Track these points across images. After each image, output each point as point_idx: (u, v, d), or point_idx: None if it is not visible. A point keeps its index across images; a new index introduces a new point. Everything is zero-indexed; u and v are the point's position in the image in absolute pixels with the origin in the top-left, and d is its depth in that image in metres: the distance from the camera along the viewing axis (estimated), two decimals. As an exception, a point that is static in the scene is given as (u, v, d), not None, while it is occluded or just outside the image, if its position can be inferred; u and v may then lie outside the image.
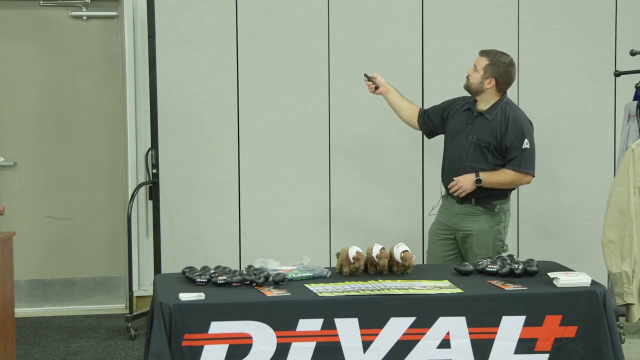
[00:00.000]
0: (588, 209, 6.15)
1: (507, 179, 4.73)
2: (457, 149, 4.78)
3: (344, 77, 5.97)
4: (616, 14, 6.15)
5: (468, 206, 4.76)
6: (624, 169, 4.46)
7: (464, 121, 4.80)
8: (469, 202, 4.75)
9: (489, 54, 4.79)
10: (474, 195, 4.72)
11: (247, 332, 3.56)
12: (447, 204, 4.88)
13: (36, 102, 6.50)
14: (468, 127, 4.77)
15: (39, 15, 6.46)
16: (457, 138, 4.80)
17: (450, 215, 4.83)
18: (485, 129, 4.72)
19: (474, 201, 4.74)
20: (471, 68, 4.81)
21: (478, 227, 4.74)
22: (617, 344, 3.74)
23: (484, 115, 4.76)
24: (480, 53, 4.83)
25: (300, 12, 5.94)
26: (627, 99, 5.73)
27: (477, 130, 4.74)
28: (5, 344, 4.37)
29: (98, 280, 6.63)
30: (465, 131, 4.77)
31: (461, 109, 4.88)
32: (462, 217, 4.77)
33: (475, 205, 4.74)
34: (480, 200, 4.73)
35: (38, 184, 6.53)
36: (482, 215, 4.75)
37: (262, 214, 5.99)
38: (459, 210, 4.78)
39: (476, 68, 4.78)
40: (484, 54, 4.81)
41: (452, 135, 4.84)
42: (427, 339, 3.66)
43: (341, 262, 4.07)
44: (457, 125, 4.83)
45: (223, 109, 5.92)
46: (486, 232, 4.73)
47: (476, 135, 4.72)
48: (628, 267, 4.38)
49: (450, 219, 4.83)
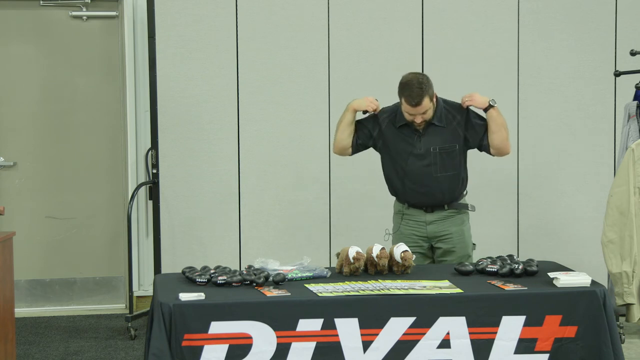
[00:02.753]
0: (588, 209, 6.16)
1: (503, 121, 4.62)
2: (419, 166, 4.55)
3: (344, 77, 5.97)
4: (616, 14, 6.15)
5: (440, 212, 4.62)
6: (624, 169, 4.46)
7: (409, 137, 4.56)
8: (441, 209, 4.63)
9: (422, 92, 4.42)
10: (445, 200, 4.61)
11: (247, 332, 3.56)
12: (413, 216, 4.66)
13: (36, 102, 6.50)
14: (420, 140, 4.55)
15: (39, 15, 6.46)
16: (412, 156, 4.56)
17: (422, 225, 4.64)
18: (442, 136, 4.55)
19: (447, 207, 4.63)
20: (419, 116, 4.47)
21: (456, 229, 4.65)
22: (617, 344, 3.74)
23: (434, 124, 4.55)
24: (417, 103, 4.42)
25: (300, 12, 5.94)
26: (627, 99, 5.73)
27: (434, 141, 4.54)
28: (5, 344, 4.37)
29: (98, 280, 6.63)
30: (419, 146, 4.55)
31: (393, 124, 4.59)
32: (438, 223, 4.64)
33: (448, 209, 4.64)
34: (452, 204, 4.63)
35: (38, 184, 6.53)
36: (456, 216, 4.66)
37: (262, 214, 5.99)
38: (432, 217, 4.62)
39: (426, 112, 4.48)
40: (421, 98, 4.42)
41: (402, 154, 4.58)
42: (427, 339, 3.66)
43: (341, 262, 4.07)
44: (402, 142, 4.58)
45: (223, 109, 5.92)
46: (464, 232, 4.68)
47: (438, 145, 4.54)
48: (628, 267, 4.38)
49: (424, 229, 4.64)
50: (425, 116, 4.49)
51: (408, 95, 4.45)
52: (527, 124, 6.16)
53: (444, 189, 4.60)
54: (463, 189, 4.70)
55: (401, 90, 4.50)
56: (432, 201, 4.62)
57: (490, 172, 5.93)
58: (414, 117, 4.49)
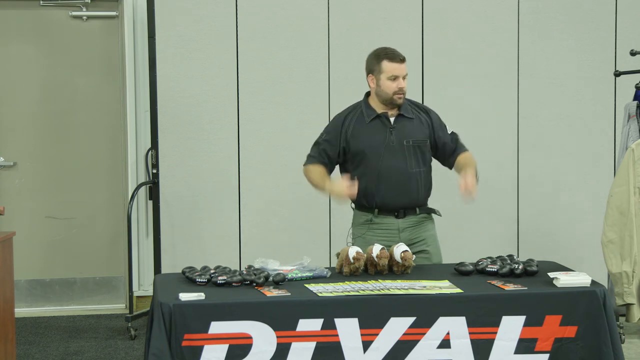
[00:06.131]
0: (588, 209, 6.16)
1: (474, 162, 4.43)
2: (393, 161, 4.34)
3: (344, 77, 5.97)
4: (616, 14, 6.15)
5: (412, 217, 4.41)
6: (624, 169, 4.46)
7: (381, 130, 4.37)
8: (413, 213, 4.41)
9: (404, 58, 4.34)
10: (420, 200, 4.42)
11: (247, 332, 3.56)
12: (384, 225, 4.41)
13: (36, 102, 6.50)
14: (393, 133, 4.35)
15: (39, 15, 6.46)
16: (386, 150, 4.34)
17: (394, 233, 4.39)
18: (413, 128, 4.38)
19: (418, 210, 4.43)
20: (403, 81, 4.34)
21: (429, 234, 4.48)
22: (617, 344, 3.74)
23: (403, 115, 4.38)
24: (403, 58, 4.35)
25: (300, 12, 5.95)
26: (627, 99, 5.74)
27: (406, 133, 4.36)
28: (5, 344, 4.37)
29: (98, 280, 6.63)
30: (391, 139, 4.35)
31: (363, 121, 4.40)
32: (411, 229, 4.42)
33: (420, 213, 4.44)
34: (422, 208, 4.44)
35: (38, 184, 6.53)
36: (426, 222, 4.47)
37: (262, 214, 5.99)
38: (405, 223, 4.39)
39: (405, 78, 4.36)
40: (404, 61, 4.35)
41: (375, 149, 4.35)
42: (427, 339, 3.65)
43: (341, 262, 4.07)
44: (374, 137, 4.36)
45: (223, 108, 5.92)
46: (435, 237, 4.52)
47: (411, 138, 4.35)
48: (628, 267, 4.38)
49: (396, 237, 4.37)
50: (406, 82, 4.33)
51: (392, 52, 4.34)
52: (527, 123, 6.16)
53: (420, 186, 4.38)
54: (430, 190, 4.50)
55: (379, 54, 4.36)
56: (408, 200, 4.38)
57: (490, 172, 5.93)
58: (399, 81, 4.31)
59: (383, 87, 4.34)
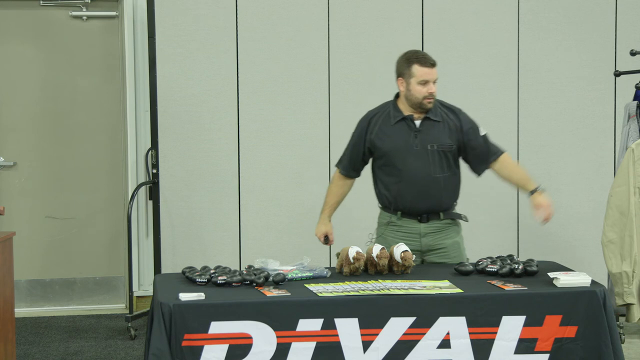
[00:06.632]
0: (588, 209, 6.16)
1: (523, 170, 4.49)
2: (416, 165, 4.29)
3: (344, 77, 5.97)
4: (616, 14, 6.15)
5: (436, 222, 4.37)
6: (624, 169, 4.46)
7: (406, 133, 4.32)
8: (437, 218, 4.37)
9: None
10: (443, 205, 4.38)
11: (247, 332, 3.56)
12: (406, 227, 4.39)
13: (36, 102, 6.50)
14: (417, 137, 4.30)
15: (39, 15, 6.46)
16: (409, 154, 4.30)
17: (416, 238, 4.36)
18: (439, 132, 4.31)
19: (442, 215, 4.39)
20: (433, 85, 4.31)
21: (451, 241, 4.42)
22: (617, 344, 3.74)
23: (430, 118, 4.32)
24: (434, 63, 4.33)
25: (300, 12, 5.94)
26: (627, 99, 5.74)
27: (431, 138, 4.30)
28: (5, 344, 4.37)
29: (98, 280, 6.63)
30: (415, 143, 4.30)
31: (388, 122, 4.36)
32: (433, 235, 4.39)
33: (443, 219, 4.40)
34: (447, 213, 4.40)
35: (38, 184, 6.54)
36: (450, 227, 4.43)
37: (262, 214, 5.99)
38: (427, 229, 4.36)
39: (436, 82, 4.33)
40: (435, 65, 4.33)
41: (398, 152, 4.31)
42: (427, 339, 3.65)
43: (341, 262, 4.07)
44: (398, 139, 4.32)
45: (223, 109, 5.92)
46: (459, 244, 4.47)
47: (435, 143, 4.29)
48: (628, 267, 4.38)
49: (417, 242, 4.35)
50: (436, 87, 4.28)
51: (423, 57, 4.30)
52: (527, 123, 6.16)
53: (442, 192, 4.34)
54: (458, 195, 4.47)
55: (410, 58, 4.32)
56: (429, 205, 4.35)
57: (490, 172, 5.91)
58: (429, 85, 4.27)
59: (413, 91, 4.29)
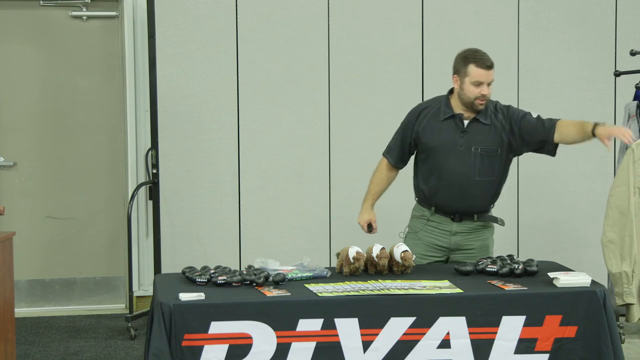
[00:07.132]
0: (588, 209, 6.15)
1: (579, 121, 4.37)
2: (457, 165, 4.28)
3: (344, 77, 5.98)
4: (616, 14, 6.15)
5: (469, 223, 4.39)
6: (624, 169, 4.46)
7: (452, 132, 4.30)
8: (470, 219, 4.38)
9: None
10: (477, 208, 4.38)
11: (247, 332, 3.56)
12: (439, 224, 4.42)
13: (36, 102, 6.50)
14: (463, 137, 4.29)
15: (39, 15, 6.46)
16: (452, 153, 4.29)
17: (446, 235, 4.40)
18: (485, 135, 4.28)
19: (476, 217, 4.39)
20: (487, 87, 4.25)
21: (480, 244, 4.43)
22: (617, 344, 3.74)
23: (479, 120, 4.29)
24: (491, 64, 4.27)
25: (300, 12, 5.94)
26: (627, 99, 5.74)
27: (477, 140, 4.27)
28: (5, 344, 4.37)
29: (98, 280, 6.63)
30: (460, 143, 4.28)
31: (437, 118, 4.34)
32: (463, 235, 4.40)
33: (477, 221, 4.41)
34: (481, 215, 4.40)
35: (38, 184, 6.54)
36: (483, 230, 4.44)
37: (262, 214, 5.99)
38: (459, 228, 4.38)
39: (491, 84, 4.28)
40: (492, 67, 4.28)
41: (442, 149, 4.31)
42: (427, 339, 3.65)
43: (341, 262, 4.07)
44: (444, 137, 4.31)
45: (223, 109, 5.92)
46: (488, 248, 4.48)
47: (480, 146, 4.27)
48: (628, 267, 4.38)
49: (447, 239, 4.40)
50: (490, 89, 4.24)
51: (480, 57, 4.25)
52: (527, 124, 6.15)
53: (479, 195, 4.35)
54: (496, 199, 4.46)
55: (468, 57, 4.28)
56: (464, 206, 4.35)
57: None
58: (482, 87, 4.22)
59: (466, 91, 4.27)
